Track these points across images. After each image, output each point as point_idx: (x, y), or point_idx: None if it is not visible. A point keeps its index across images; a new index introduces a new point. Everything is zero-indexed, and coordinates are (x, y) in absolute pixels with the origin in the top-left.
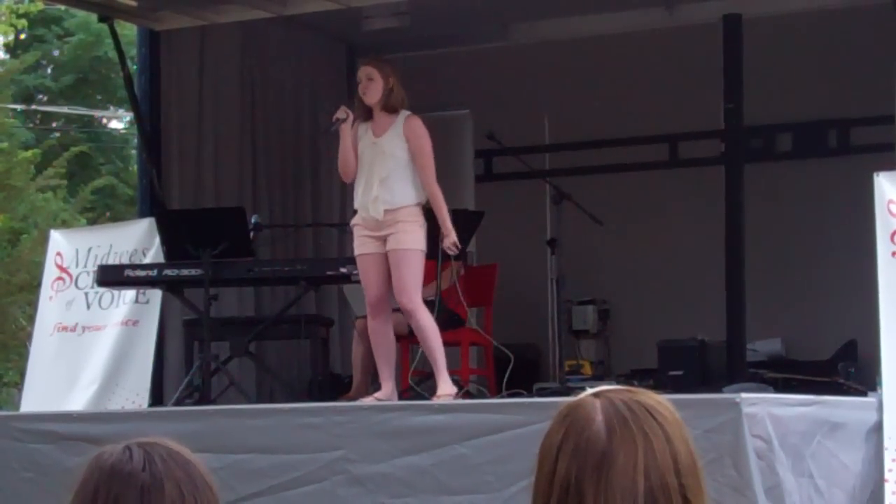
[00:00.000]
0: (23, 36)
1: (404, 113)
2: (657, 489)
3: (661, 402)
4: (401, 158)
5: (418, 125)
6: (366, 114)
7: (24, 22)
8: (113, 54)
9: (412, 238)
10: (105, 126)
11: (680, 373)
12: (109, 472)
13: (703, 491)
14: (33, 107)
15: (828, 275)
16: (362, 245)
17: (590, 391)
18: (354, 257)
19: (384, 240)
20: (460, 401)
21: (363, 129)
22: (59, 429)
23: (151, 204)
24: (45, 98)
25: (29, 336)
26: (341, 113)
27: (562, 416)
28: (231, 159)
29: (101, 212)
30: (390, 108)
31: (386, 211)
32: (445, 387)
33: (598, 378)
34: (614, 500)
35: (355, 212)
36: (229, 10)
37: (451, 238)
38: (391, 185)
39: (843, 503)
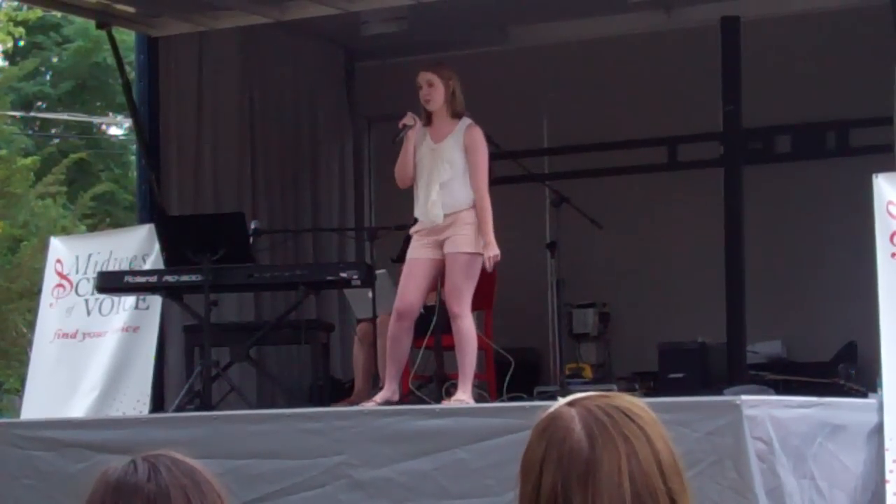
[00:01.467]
0: (21, 43)
1: (465, 120)
2: (643, 492)
3: (637, 403)
4: (459, 165)
5: (479, 136)
6: (426, 118)
7: (21, 30)
8: (111, 60)
9: (471, 241)
10: (104, 132)
11: (680, 375)
12: (115, 485)
13: (687, 488)
14: (32, 114)
15: (828, 276)
16: (417, 249)
17: (563, 401)
18: (354, 261)
19: (441, 244)
20: (461, 405)
21: (420, 134)
22: (59, 435)
23: (151, 210)
24: (44, 105)
25: (29, 343)
26: (409, 119)
27: (540, 430)
28: (230, 164)
29: (101, 218)
30: (454, 114)
31: (446, 215)
32: (463, 394)
33: (599, 381)
34: None
35: (415, 220)
36: (227, 16)
37: (491, 251)
38: (451, 189)
39: None
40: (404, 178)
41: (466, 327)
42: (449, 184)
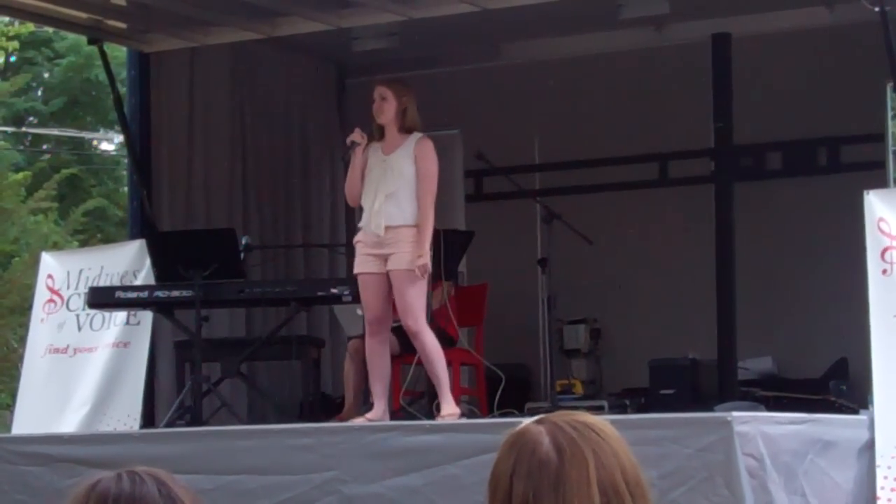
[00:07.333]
0: (13, 59)
1: (417, 134)
2: (612, 499)
3: (601, 420)
4: (409, 176)
5: (429, 147)
6: (379, 133)
7: (14, 44)
8: (103, 76)
9: (414, 258)
10: (96, 148)
11: (671, 391)
12: (104, 496)
13: (650, 501)
14: (24, 129)
15: (818, 293)
16: (363, 264)
17: (530, 419)
18: (344, 277)
19: (385, 259)
20: (452, 421)
21: (373, 148)
22: (50, 451)
23: (142, 226)
24: (36, 120)
25: (20, 358)
26: (356, 136)
27: (509, 444)
28: (221, 180)
29: (92, 234)
30: (403, 129)
31: (388, 228)
32: (449, 407)
33: (590, 397)
34: None
35: (359, 229)
36: (219, 32)
37: (423, 261)
38: (397, 201)
39: None
40: (353, 196)
41: (428, 341)
42: (396, 194)
